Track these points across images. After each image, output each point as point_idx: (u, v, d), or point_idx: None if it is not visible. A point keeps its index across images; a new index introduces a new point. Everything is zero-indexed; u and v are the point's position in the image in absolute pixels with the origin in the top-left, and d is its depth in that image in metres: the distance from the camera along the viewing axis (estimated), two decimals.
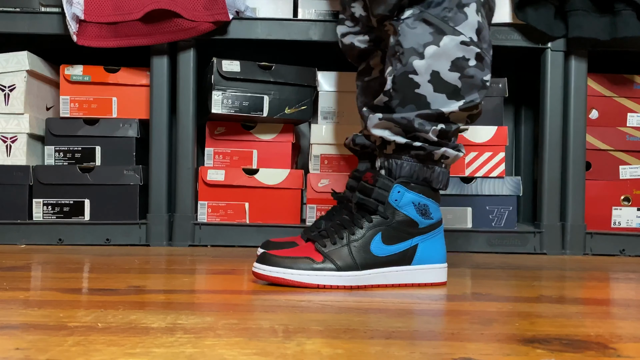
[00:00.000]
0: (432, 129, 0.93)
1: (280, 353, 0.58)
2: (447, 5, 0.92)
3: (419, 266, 0.95)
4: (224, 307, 0.77)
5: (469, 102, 0.94)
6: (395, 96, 0.94)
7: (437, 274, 0.96)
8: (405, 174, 0.94)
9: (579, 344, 0.63)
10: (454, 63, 0.92)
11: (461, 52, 0.92)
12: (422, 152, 0.94)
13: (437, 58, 0.92)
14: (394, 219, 0.93)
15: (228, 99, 1.39)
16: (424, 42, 0.92)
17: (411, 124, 0.93)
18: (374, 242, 0.92)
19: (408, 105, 0.94)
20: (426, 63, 0.92)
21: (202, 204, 1.42)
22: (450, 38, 0.92)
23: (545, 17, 1.36)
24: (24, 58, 1.39)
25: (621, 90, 1.46)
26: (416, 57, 0.92)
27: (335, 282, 0.90)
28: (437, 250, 0.96)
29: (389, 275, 0.93)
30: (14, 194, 1.39)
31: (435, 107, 0.93)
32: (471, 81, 0.93)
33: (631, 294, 0.95)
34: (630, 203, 1.45)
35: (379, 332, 0.67)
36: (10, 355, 0.56)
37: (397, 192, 0.93)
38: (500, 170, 1.43)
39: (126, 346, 0.59)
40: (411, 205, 0.93)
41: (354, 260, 0.91)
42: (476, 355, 0.58)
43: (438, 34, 0.92)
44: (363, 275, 0.92)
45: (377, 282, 0.93)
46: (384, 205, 0.93)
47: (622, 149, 1.45)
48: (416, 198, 0.94)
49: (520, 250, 1.40)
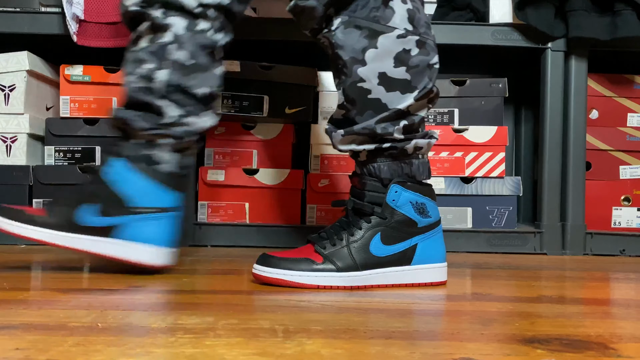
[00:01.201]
0: (396, 128, 0.92)
1: (280, 353, 0.58)
2: (373, 5, 0.91)
3: (418, 266, 0.95)
4: (224, 307, 0.77)
5: (422, 89, 0.93)
6: (351, 107, 0.94)
7: (437, 273, 0.96)
8: (386, 176, 0.94)
9: (579, 344, 0.63)
10: (397, 59, 0.92)
11: (401, 46, 0.91)
12: (394, 151, 0.94)
13: (379, 60, 0.91)
14: (393, 219, 0.93)
15: (228, 99, 1.39)
16: (362, 48, 0.91)
17: (374, 131, 0.92)
18: (373, 243, 0.92)
19: (366, 113, 0.93)
20: (370, 68, 0.91)
21: (202, 204, 1.42)
22: (385, 37, 0.91)
23: (546, 17, 1.36)
24: (24, 58, 1.39)
25: (621, 90, 1.46)
26: (358, 65, 0.92)
27: (335, 282, 0.90)
28: (436, 249, 0.96)
29: (389, 275, 0.93)
30: (14, 194, 1.39)
31: (392, 107, 0.92)
32: (419, 69, 0.93)
33: (631, 294, 0.95)
34: (631, 203, 1.45)
35: (379, 332, 0.67)
36: (10, 355, 0.56)
37: (394, 192, 0.93)
38: (501, 171, 1.43)
39: (126, 346, 0.59)
40: (409, 205, 0.93)
41: (354, 261, 0.91)
42: (476, 355, 0.58)
43: (373, 36, 0.91)
44: (363, 276, 0.92)
45: (377, 282, 0.93)
46: (380, 207, 0.93)
47: (622, 149, 1.45)
48: (413, 197, 0.94)
49: (521, 250, 1.40)
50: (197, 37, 0.96)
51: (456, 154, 1.43)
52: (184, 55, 0.95)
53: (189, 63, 0.96)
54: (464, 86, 1.47)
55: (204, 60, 0.97)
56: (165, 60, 0.95)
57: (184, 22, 0.95)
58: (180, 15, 0.95)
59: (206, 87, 0.98)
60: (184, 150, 1.00)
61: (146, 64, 0.95)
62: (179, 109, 0.96)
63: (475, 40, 1.41)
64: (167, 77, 0.95)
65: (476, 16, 1.48)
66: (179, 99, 0.96)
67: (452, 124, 1.46)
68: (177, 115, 0.96)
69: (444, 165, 1.43)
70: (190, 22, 0.95)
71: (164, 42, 0.95)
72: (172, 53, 0.95)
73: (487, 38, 1.41)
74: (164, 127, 0.96)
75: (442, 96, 1.47)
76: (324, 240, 0.93)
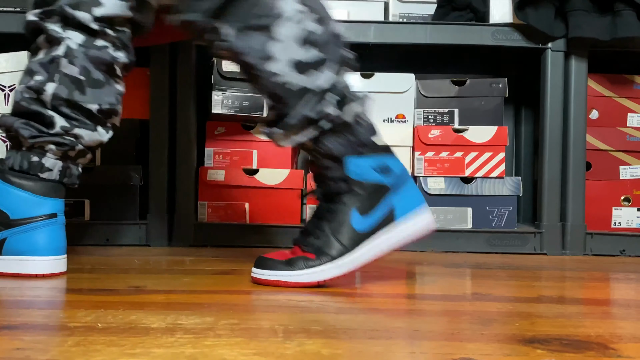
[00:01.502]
0: (329, 106, 0.91)
1: (280, 353, 0.58)
2: (254, 2, 0.90)
3: (403, 222, 0.93)
4: (224, 307, 0.77)
5: (338, 60, 0.92)
6: (279, 104, 0.93)
7: (419, 222, 0.94)
8: (339, 153, 0.92)
9: (579, 344, 0.63)
10: (303, 42, 0.90)
11: (300, 29, 0.90)
12: (336, 127, 0.92)
13: (285, 50, 0.90)
14: (362, 190, 0.92)
15: (228, 99, 1.39)
16: (264, 46, 0.90)
17: (308, 117, 0.91)
18: (354, 220, 0.91)
19: (295, 104, 0.91)
20: (281, 61, 0.90)
21: (202, 204, 1.42)
22: (281, 26, 0.89)
23: (546, 17, 1.36)
24: (24, 58, 1.39)
25: (621, 91, 1.46)
26: (269, 62, 0.90)
27: (333, 273, 0.89)
28: (411, 197, 0.95)
29: (381, 244, 0.92)
30: None
31: (317, 88, 0.91)
32: (327, 43, 0.91)
33: (631, 294, 0.95)
34: (631, 203, 1.45)
35: (379, 332, 0.67)
36: (10, 355, 0.56)
37: (353, 164, 0.91)
38: (500, 171, 1.43)
39: (126, 346, 0.59)
40: (371, 170, 0.92)
41: (342, 244, 0.90)
42: (476, 355, 0.58)
43: (269, 30, 0.90)
44: (357, 255, 0.91)
45: (373, 256, 0.92)
46: (346, 183, 0.92)
47: (622, 149, 1.45)
48: (371, 161, 0.93)
49: (521, 251, 1.40)
50: (91, 53, 0.96)
51: (456, 154, 1.43)
52: (75, 70, 0.96)
53: (80, 78, 0.96)
54: (464, 86, 1.47)
55: (98, 76, 0.97)
56: (55, 73, 0.95)
57: (80, 37, 0.96)
58: (77, 31, 0.96)
59: (99, 103, 0.98)
60: (71, 159, 0.99)
61: (37, 76, 0.96)
62: (68, 122, 0.96)
63: (475, 40, 1.41)
64: (55, 90, 0.95)
65: (476, 16, 1.48)
66: (68, 112, 0.96)
67: (452, 124, 1.46)
68: (66, 127, 0.96)
69: (444, 165, 1.43)
70: (87, 38, 0.96)
71: (56, 55, 0.96)
72: (63, 66, 0.95)
73: (487, 38, 1.41)
74: (51, 136, 0.96)
75: (442, 96, 1.47)
76: (308, 237, 0.92)
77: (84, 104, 0.97)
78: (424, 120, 1.46)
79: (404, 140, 1.43)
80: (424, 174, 1.42)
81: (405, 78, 1.45)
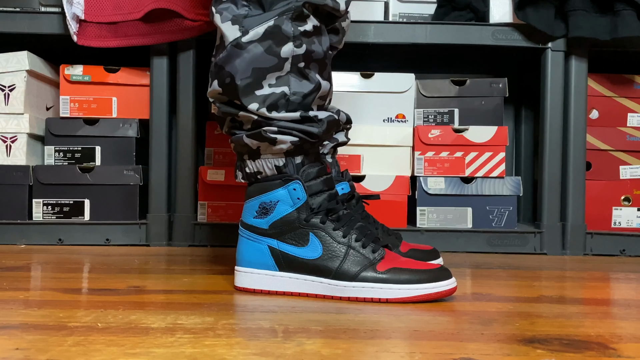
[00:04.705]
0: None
1: (280, 353, 0.58)
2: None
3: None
4: (224, 307, 0.77)
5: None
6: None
7: None
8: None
9: (579, 344, 0.63)
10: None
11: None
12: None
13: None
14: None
15: None
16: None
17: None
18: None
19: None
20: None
21: (202, 204, 1.42)
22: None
23: (546, 17, 1.36)
24: (24, 58, 1.39)
25: (621, 90, 1.46)
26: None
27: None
28: None
29: None
30: (14, 194, 1.39)
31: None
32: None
33: (631, 294, 0.95)
34: (631, 203, 1.45)
35: (379, 332, 0.67)
36: (10, 355, 0.56)
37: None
38: (501, 171, 1.43)
39: (126, 346, 0.59)
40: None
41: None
42: (476, 355, 0.58)
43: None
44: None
45: None
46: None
47: (623, 149, 1.45)
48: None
49: (521, 251, 1.40)
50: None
51: (456, 154, 1.43)
52: None
53: None
54: (464, 86, 1.47)
55: None
56: None
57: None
58: None
59: None
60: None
61: None
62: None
63: (475, 40, 1.41)
64: None
65: (476, 16, 1.48)
66: None
67: (452, 124, 1.46)
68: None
69: (444, 165, 1.43)
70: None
71: None
72: None
73: (487, 38, 1.41)
74: None
75: (442, 96, 1.47)
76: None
77: None
78: (424, 120, 1.47)
79: (404, 140, 1.43)
80: (424, 174, 1.42)
81: (405, 78, 1.45)
